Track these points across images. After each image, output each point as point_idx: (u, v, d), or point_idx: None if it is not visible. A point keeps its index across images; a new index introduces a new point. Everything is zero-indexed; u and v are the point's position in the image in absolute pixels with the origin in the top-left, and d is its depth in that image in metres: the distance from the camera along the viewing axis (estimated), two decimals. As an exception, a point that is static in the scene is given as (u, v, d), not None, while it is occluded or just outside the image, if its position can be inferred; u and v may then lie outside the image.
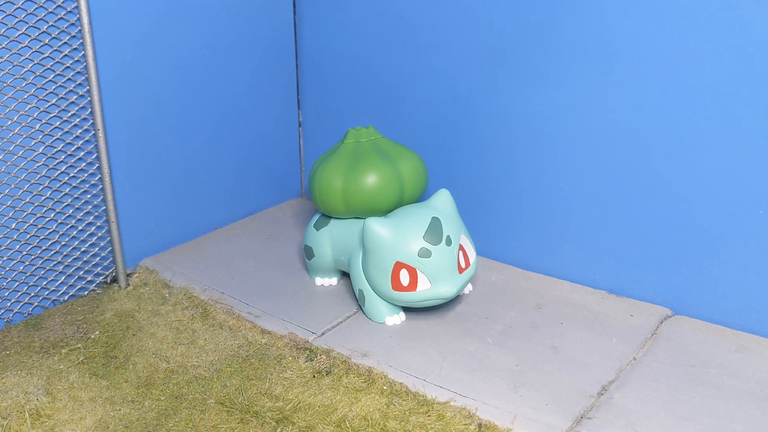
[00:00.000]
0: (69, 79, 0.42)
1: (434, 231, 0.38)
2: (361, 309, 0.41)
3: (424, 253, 0.38)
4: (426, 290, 0.38)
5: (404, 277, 0.38)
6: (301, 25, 0.53)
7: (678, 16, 0.37)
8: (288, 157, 0.56)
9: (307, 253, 0.43)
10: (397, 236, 0.38)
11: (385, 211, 0.41)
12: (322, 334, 0.39)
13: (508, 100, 0.44)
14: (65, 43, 0.41)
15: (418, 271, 0.38)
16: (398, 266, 0.38)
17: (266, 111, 0.53)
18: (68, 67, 0.42)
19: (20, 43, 0.39)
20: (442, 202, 0.40)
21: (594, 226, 0.43)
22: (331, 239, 0.42)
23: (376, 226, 0.38)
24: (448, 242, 0.38)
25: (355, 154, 0.41)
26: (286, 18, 0.53)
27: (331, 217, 0.43)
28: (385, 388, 0.35)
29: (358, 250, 0.41)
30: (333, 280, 0.44)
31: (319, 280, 0.44)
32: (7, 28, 0.38)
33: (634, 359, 0.37)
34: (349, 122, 0.53)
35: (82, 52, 0.41)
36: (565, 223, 0.44)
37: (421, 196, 0.43)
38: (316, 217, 0.43)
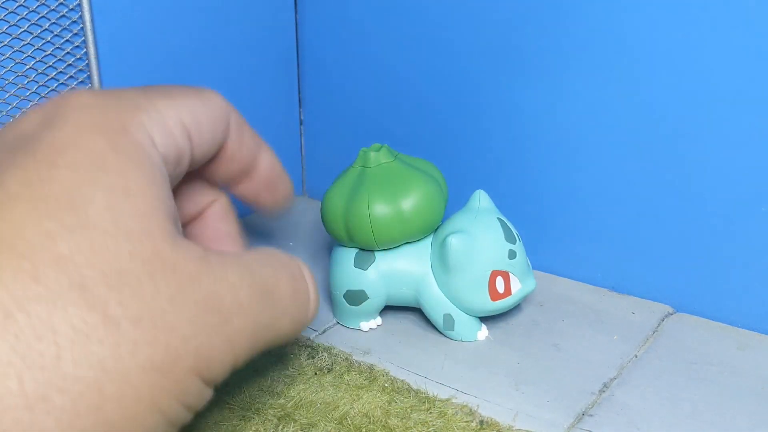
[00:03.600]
0: (71, 76, 0.42)
1: (507, 231, 0.37)
2: (445, 335, 0.38)
3: (512, 255, 0.37)
4: (519, 290, 0.37)
5: (500, 285, 0.37)
6: (302, 22, 0.53)
7: (694, 13, 0.37)
8: (289, 155, 0.56)
9: (356, 298, 0.38)
10: (485, 245, 0.36)
11: (386, 246, 0.37)
12: (324, 331, 0.39)
13: (510, 97, 0.44)
14: (67, 40, 0.41)
15: (511, 275, 0.37)
16: (494, 275, 0.36)
17: (267, 109, 0.53)
18: (70, 64, 0.42)
19: (22, 40, 0.39)
20: (489, 203, 0.38)
21: (595, 224, 0.43)
22: (384, 275, 0.37)
23: (463, 243, 0.36)
24: (519, 238, 0.38)
25: (358, 182, 0.37)
26: (287, 15, 0.53)
27: (373, 250, 0.38)
28: (386, 385, 0.35)
29: (430, 275, 0.37)
30: (379, 320, 0.39)
31: (365, 325, 0.39)
32: (9, 26, 0.38)
33: (636, 356, 0.37)
34: (351, 120, 0.53)
35: (85, 50, 0.41)
36: (565, 221, 0.44)
37: (435, 226, 0.38)
38: (353, 253, 0.38)
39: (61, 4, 0.40)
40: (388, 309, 0.40)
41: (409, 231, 0.37)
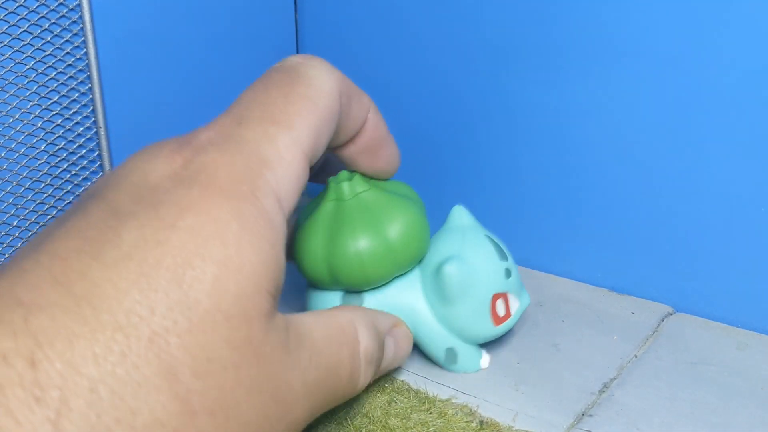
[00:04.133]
0: (71, 77, 0.42)
1: (498, 249, 0.35)
2: (446, 369, 0.35)
3: (507, 274, 0.35)
4: (517, 309, 0.35)
5: (500, 308, 0.34)
6: (302, 22, 0.53)
7: (691, 12, 0.37)
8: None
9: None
10: (482, 269, 0.34)
11: (378, 282, 0.34)
12: (324, 331, 0.39)
13: (511, 98, 0.44)
14: (67, 40, 0.41)
15: (509, 295, 0.35)
16: (494, 298, 0.34)
17: (267, 109, 0.53)
18: (70, 65, 0.42)
19: (22, 40, 0.39)
20: (471, 219, 0.36)
21: (595, 224, 0.43)
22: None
23: (460, 271, 0.33)
24: (509, 254, 0.36)
25: (336, 217, 0.33)
26: (287, 15, 0.53)
27: (361, 291, 0.34)
28: (386, 385, 0.35)
29: (425, 309, 0.34)
30: None
31: None
32: (9, 26, 0.38)
33: (636, 357, 0.37)
34: (351, 121, 0.53)
35: (84, 50, 0.41)
36: (566, 221, 0.44)
37: (424, 252, 0.35)
38: (339, 296, 0.35)
39: (61, 4, 0.40)
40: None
41: (399, 262, 0.33)
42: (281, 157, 0.25)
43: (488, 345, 0.37)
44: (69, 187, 0.44)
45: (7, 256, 0.43)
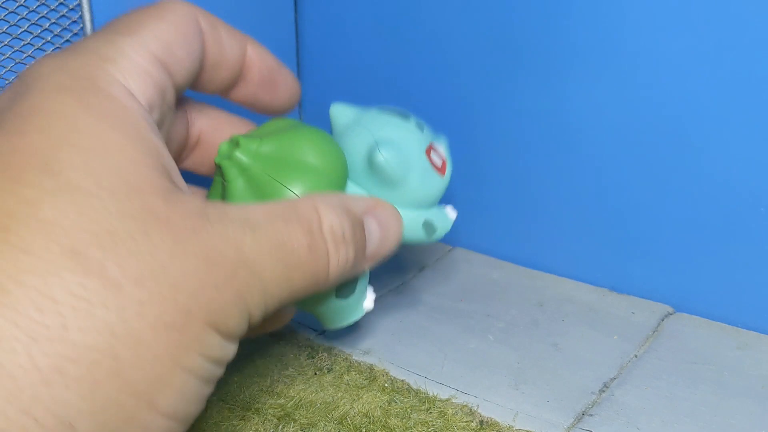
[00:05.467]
0: (71, 76, 0.42)
1: (397, 113, 0.33)
2: (428, 241, 0.33)
3: (420, 127, 0.33)
4: (444, 150, 0.35)
5: (436, 158, 0.33)
6: (302, 22, 0.53)
7: (690, 14, 0.37)
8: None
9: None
10: (403, 139, 0.32)
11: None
12: (323, 331, 0.39)
13: (511, 97, 0.44)
14: (67, 41, 0.41)
15: (432, 143, 0.34)
16: (427, 154, 0.33)
17: (267, 109, 0.53)
18: (70, 64, 0.42)
19: (22, 40, 0.39)
20: (352, 109, 0.33)
21: (595, 224, 0.43)
22: None
23: (389, 152, 0.31)
24: (405, 111, 0.34)
25: (256, 187, 0.29)
26: (287, 15, 0.53)
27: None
28: (386, 385, 0.35)
29: (386, 196, 0.32)
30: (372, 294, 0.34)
31: (368, 302, 0.33)
32: (9, 26, 0.38)
33: (636, 356, 0.37)
34: (351, 121, 0.53)
35: (84, 50, 0.41)
36: (566, 221, 0.44)
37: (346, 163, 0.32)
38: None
39: (61, 4, 0.40)
40: (388, 310, 0.40)
41: (339, 183, 0.30)
42: (122, 52, 0.24)
43: (486, 343, 0.37)
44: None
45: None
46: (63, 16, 0.40)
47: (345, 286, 0.31)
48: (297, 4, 0.53)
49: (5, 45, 0.38)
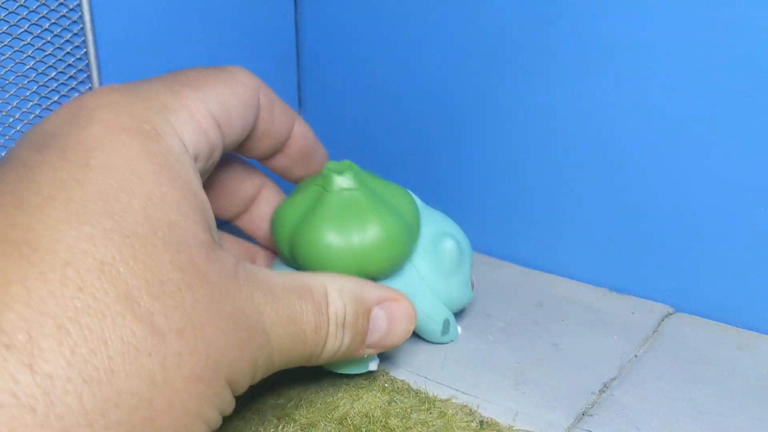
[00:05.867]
0: (71, 77, 0.42)
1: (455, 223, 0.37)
2: (440, 342, 0.37)
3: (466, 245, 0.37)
4: (471, 271, 0.38)
5: (472, 274, 0.37)
6: (302, 22, 0.53)
7: (680, 15, 0.37)
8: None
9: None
10: (464, 241, 0.36)
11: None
12: (324, 331, 0.39)
13: (510, 97, 0.44)
14: (67, 40, 0.41)
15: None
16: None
17: (267, 109, 0.53)
18: (70, 65, 0.42)
19: (22, 40, 0.39)
20: (418, 199, 0.37)
21: (595, 224, 0.43)
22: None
23: (458, 243, 0.35)
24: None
25: (315, 204, 0.32)
26: (287, 15, 0.53)
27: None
28: (386, 385, 0.35)
29: (423, 286, 0.35)
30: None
31: (374, 364, 0.35)
32: (9, 26, 0.38)
33: (636, 356, 0.37)
34: (350, 121, 0.53)
35: (84, 50, 0.41)
36: (565, 220, 0.44)
37: (398, 264, 0.34)
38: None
39: (61, 4, 0.40)
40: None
41: (360, 268, 0.32)
42: (184, 105, 0.25)
43: (486, 343, 0.37)
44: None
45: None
46: (63, 16, 0.40)
47: None
48: (297, 4, 0.53)
49: (5, 45, 0.38)
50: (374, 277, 0.33)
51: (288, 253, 0.33)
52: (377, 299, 0.30)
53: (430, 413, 0.32)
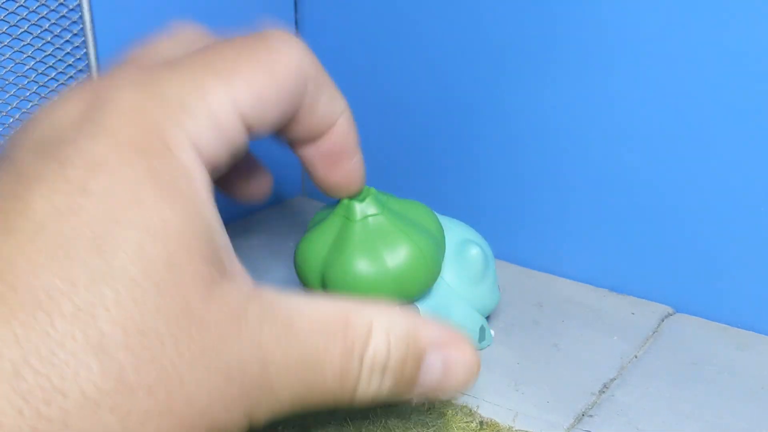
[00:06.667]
0: (71, 77, 0.42)
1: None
2: (476, 347, 0.35)
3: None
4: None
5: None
6: (302, 22, 0.53)
7: (681, 15, 0.37)
8: (289, 155, 0.56)
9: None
10: (487, 246, 0.37)
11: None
12: (324, 332, 0.39)
13: (510, 97, 0.44)
14: (67, 41, 0.41)
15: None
16: None
17: (267, 109, 0.53)
18: (70, 65, 0.42)
19: (22, 41, 0.39)
20: (432, 214, 0.36)
21: (595, 224, 0.43)
22: (431, 315, 0.34)
23: (481, 248, 0.35)
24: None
25: (341, 236, 0.32)
26: (287, 16, 0.53)
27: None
28: (386, 385, 0.35)
29: (455, 296, 0.35)
30: None
31: None
32: (9, 26, 0.38)
33: (636, 357, 0.37)
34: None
35: (84, 50, 0.41)
36: (565, 221, 0.44)
37: (424, 286, 0.33)
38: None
39: (61, 4, 0.40)
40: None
41: (396, 292, 0.32)
42: (206, 105, 0.22)
43: (487, 347, 0.37)
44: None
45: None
46: (63, 16, 0.40)
47: None
48: (297, 4, 0.53)
49: (5, 45, 0.38)
50: (411, 299, 0.33)
51: (320, 288, 0.33)
52: (435, 341, 0.25)
53: (430, 413, 0.32)
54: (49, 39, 0.39)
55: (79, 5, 0.40)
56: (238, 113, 0.23)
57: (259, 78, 0.24)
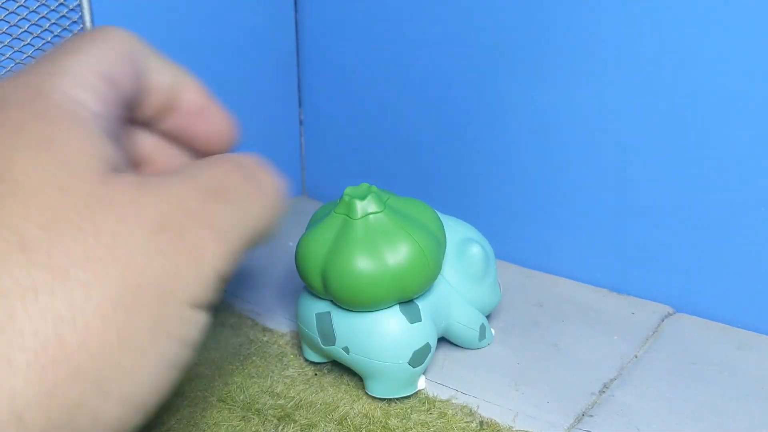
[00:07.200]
0: (71, 77, 0.42)
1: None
2: (474, 347, 0.37)
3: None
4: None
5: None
6: (302, 22, 0.53)
7: (680, 16, 0.37)
8: (289, 155, 0.56)
9: (422, 356, 0.34)
10: (487, 244, 0.37)
11: (371, 307, 0.32)
12: (324, 332, 0.39)
13: (508, 96, 0.44)
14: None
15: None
16: None
17: (267, 109, 0.53)
18: (70, 65, 0.42)
19: (22, 41, 0.39)
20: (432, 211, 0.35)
21: (595, 224, 0.43)
22: (429, 316, 0.34)
23: (482, 246, 0.35)
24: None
25: (342, 233, 0.32)
26: (287, 15, 0.53)
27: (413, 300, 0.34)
28: (386, 385, 0.35)
29: (456, 294, 0.35)
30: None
31: (422, 380, 0.34)
32: (10, 26, 0.38)
33: (636, 357, 0.37)
34: (351, 121, 0.53)
35: (84, 50, 0.41)
36: (565, 221, 0.44)
37: (426, 284, 0.33)
38: (398, 311, 0.34)
39: (61, 4, 0.40)
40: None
41: (396, 290, 0.32)
42: (68, 69, 0.25)
43: (487, 345, 0.37)
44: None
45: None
46: (63, 16, 0.40)
47: (419, 353, 0.33)
48: (297, 4, 0.53)
49: (5, 45, 0.38)
50: (412, 297, 0.33)
51: (320, 285, 0.33)
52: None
53: (430, 414, 0.32)
54: (49, 39, 0.39)
55: (79, 5, 0.40)
56: (98, 72, 0.26)
57: (103, 47, 0.27)
